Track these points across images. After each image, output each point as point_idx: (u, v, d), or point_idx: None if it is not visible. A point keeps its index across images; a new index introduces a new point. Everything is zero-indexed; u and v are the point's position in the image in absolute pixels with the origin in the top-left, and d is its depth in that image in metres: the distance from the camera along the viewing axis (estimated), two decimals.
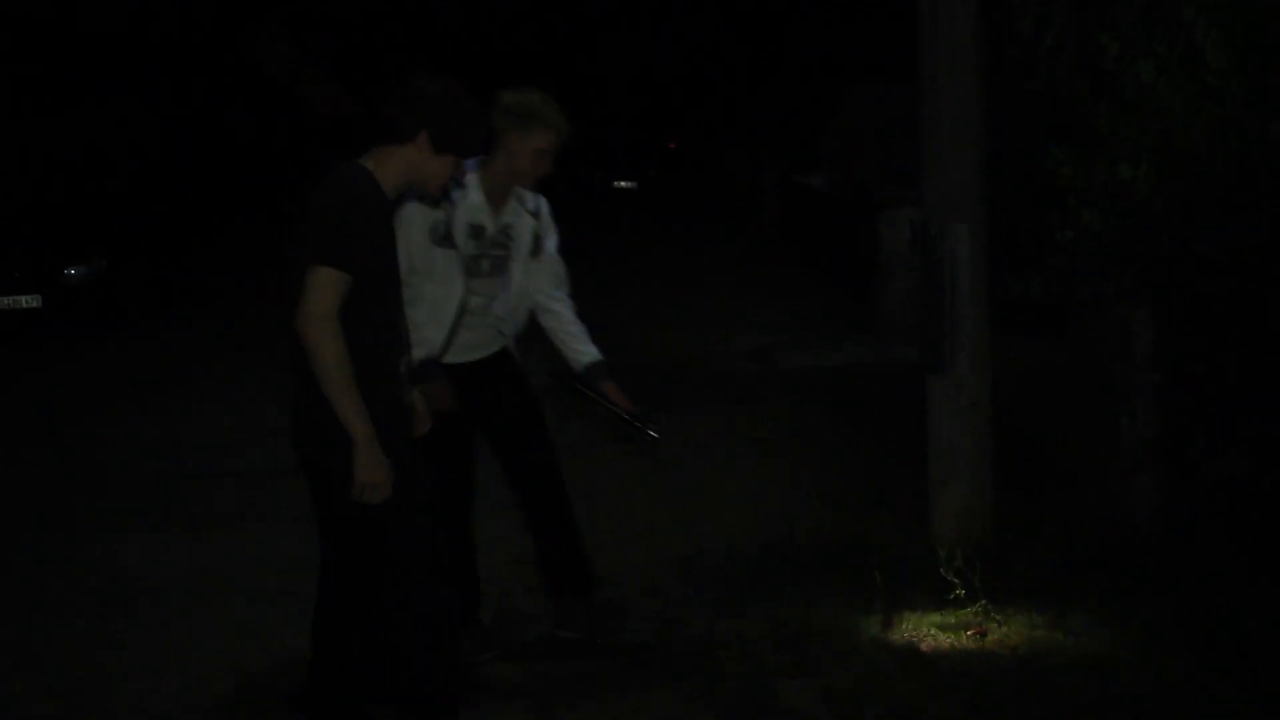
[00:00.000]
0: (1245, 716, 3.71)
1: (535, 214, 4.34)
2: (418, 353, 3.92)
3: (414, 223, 4.05)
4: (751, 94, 24.01)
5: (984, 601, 4.50)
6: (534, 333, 4.46)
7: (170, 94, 20.24)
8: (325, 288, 3.15)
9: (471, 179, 4.17)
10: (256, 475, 6.66)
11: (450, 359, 4.20)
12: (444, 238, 4.11)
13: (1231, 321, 4.24)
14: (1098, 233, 4.24)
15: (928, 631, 4.36)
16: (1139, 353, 4.86)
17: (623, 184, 29.78)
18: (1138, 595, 4.53)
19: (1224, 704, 3.77)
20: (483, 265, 4.23)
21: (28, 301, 11.38)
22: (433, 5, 28.35)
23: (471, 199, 4.17)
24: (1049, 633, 4.32)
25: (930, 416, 5.04)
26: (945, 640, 4.30)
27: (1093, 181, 4.20)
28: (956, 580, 4.57)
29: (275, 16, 25.32)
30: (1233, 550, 4.67)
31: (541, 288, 4.37)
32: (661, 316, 11.52)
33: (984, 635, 4.31)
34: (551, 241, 4.40)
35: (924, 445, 5.10)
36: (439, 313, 4.14)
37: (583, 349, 4.32)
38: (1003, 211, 5.32)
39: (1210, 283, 4.11)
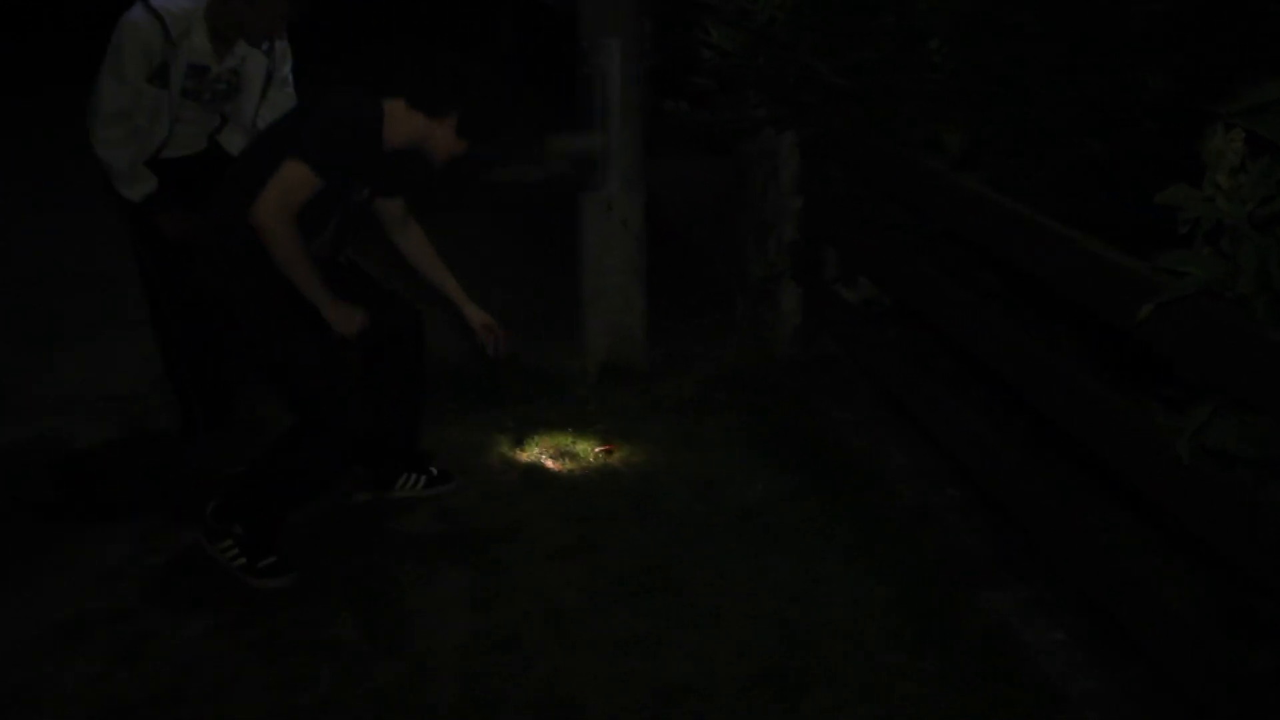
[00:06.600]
0: (839, 529, 3.86)
1: (268, 52, 4.09)
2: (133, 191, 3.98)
3: (136, 61, 3.80)
4: None
5: (616, 420, 4.55)
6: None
7: None
8: (297, 185, 3.31)
9: (198, 23, 3.87)
10: None
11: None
12: (156, 76, 3.86)
13: (855, 147, 4.29)
14: (733, 53, 4.19)
15: (556, 450, 4.39)
16: (785, 177, 4.90)
17: None
18: (767, 415, 4.66)
19: (819, 518, 3.91)
20: (202, 96, 4.04)
21: None
22: None
23: (195, 42, 3.89)
24: (674, 451, 4.39)
25: (582, 235, 4.98)
26: (572, 460, 4.33)
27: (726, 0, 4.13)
28: (591, 398, 4.59)
29: None
30: (856, 372, 4.84)
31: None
32: None
33: (611, 453, 4.37)
34: (286, 67, 4.19)
35: None
36: (144, 148, 3.97)
37: None
38: (662, 29, 5.23)
39: (836, 108, 4.13)
